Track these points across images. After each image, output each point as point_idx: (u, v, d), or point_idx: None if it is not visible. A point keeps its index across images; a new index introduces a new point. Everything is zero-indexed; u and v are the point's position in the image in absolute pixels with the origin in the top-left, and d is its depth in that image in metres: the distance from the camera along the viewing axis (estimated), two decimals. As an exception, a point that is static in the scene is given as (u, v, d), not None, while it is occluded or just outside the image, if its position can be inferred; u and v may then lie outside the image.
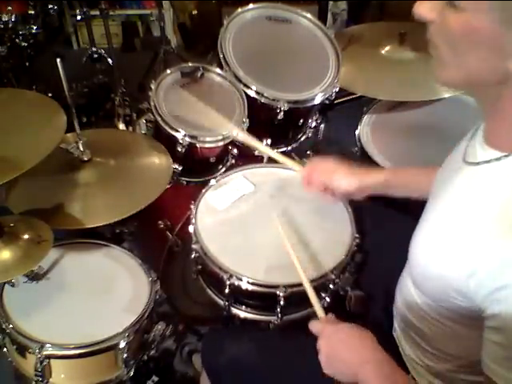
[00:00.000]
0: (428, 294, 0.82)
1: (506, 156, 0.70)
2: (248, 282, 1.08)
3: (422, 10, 0.68)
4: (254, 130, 1.43)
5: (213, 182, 1.32)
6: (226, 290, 1.11)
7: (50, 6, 2.47)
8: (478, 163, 0.74)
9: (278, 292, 1.06)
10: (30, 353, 1.09)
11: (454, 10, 0.64)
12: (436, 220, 0.81)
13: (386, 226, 1.24)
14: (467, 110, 1.54)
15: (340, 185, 1.15)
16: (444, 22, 0.66)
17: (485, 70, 0.67)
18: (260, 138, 1.52)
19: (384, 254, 1.17)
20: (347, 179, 1.15)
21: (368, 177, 1.15)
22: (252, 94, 1.46)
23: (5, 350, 1.19)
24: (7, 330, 1.12)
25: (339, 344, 0.86)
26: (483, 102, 0.73)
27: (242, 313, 1.17)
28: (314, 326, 0.90)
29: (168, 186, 1.32)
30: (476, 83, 0.70)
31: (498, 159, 0.71)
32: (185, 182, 1.48)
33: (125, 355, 1.13)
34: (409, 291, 0.89)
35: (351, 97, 1.86)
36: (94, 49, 2.74)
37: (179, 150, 1.37)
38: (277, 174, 1.37)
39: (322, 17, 3.01)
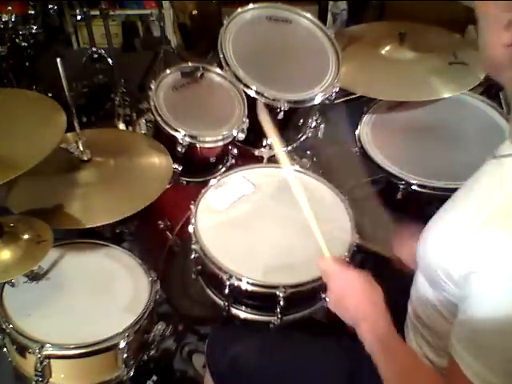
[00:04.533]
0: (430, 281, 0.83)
1: None
2: (248, 283, 1.08)
3: None
4: (254, 129, 1.42)
5: (213, 181, 1.32)
6: (226, 291, 1.11)
7: (50, 6, 2.48)
8: (500, 156, 0.76)
9: (277, 292, 1.06)
10: (30, 353, 1.09)
11: None
12: (454, 217, 0.81)
13: (385, 225, 1.24)
14: (467, 109, 1.54)
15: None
16: None
17: (496, 47, 0.71)
18: (260, 137, 1.53)
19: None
20: None
21: None
22: (252, 93, 1.46)
23: (5, 350, 1.19)
24: (7, 330, 1.12)
25: (347, 289, 0.90)
26: (508, 91, 0.75)
27: (241, 313, 1.16)
28: (323, 263, 0.95)
29: (168, 186, 1.32)
30: (495, 65, 0.74)
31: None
32: (185, 182, 1.48)
33: (125, 355, 1.13)
34: (422, 287, 0.90)
35: (351, 97, 1.85)
36: (94, 49, 2.74)
37: (179, 149, 1.37)
38: (277, 174, 1.36)
39: (322, 17, 3.01)
